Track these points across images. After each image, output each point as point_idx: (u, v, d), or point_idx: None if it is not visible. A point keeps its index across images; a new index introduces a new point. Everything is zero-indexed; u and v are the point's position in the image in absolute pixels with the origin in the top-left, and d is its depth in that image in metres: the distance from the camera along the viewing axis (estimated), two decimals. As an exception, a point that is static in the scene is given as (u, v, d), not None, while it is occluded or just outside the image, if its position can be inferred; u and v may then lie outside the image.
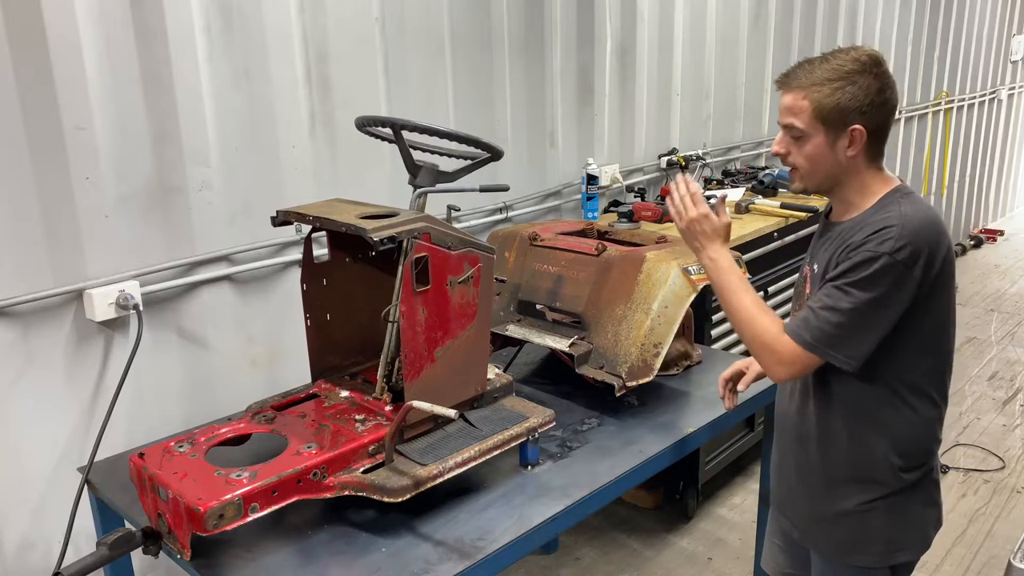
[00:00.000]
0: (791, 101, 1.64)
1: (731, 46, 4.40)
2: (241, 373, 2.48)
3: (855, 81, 1.60)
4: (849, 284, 1.58)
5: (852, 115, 1.60)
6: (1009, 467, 3.85)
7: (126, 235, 2.18)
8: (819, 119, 1.62)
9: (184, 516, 1.50)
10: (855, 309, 1.58)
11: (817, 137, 1.63)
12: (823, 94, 1.60)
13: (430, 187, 1.99)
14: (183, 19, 2.19)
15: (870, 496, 1.73)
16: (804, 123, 1.63)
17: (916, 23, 6.21)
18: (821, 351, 1.61)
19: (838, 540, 1.78)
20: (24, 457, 2.08)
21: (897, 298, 1.58)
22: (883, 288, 1.56)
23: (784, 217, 3.65)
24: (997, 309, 6.00)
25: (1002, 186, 8.59)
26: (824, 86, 1.60)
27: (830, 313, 1.59)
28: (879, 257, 1.56)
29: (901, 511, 1.74)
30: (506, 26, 3.11)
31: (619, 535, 3.35)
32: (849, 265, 1.59)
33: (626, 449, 2.00)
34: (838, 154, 1.64)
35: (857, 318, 1.59)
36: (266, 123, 2.43)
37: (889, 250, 1.56)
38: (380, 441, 1.71)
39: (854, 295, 1.58)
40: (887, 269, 1.56)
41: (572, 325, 2.25)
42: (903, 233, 1.56)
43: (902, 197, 1.65)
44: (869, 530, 1.74)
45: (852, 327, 1.59)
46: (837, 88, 1.60)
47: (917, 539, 1.78)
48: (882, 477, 1.72)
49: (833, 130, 1.62)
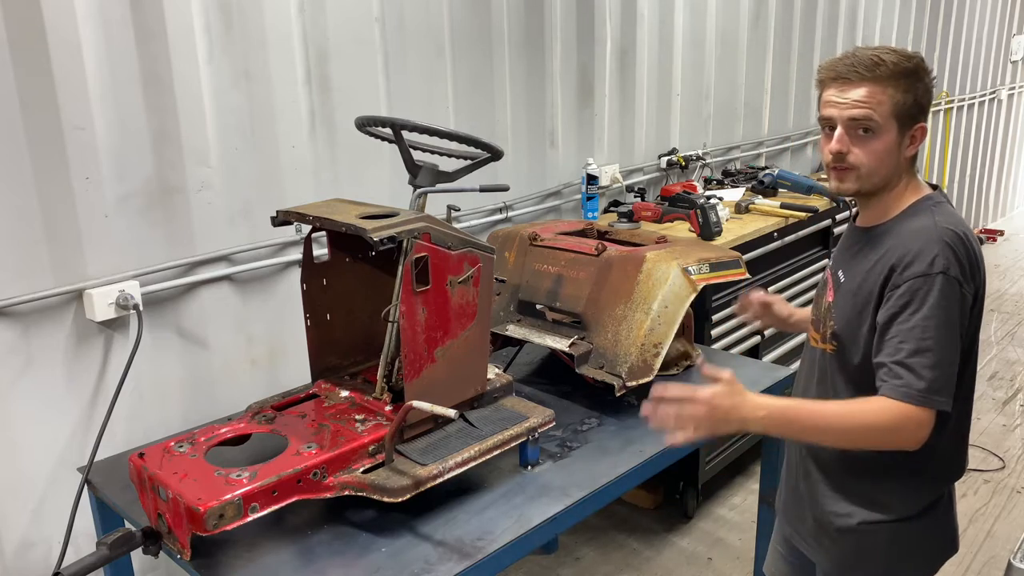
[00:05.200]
0: (867, 94, 1.54)
1: (731, 46, 4.40)
2: (241, 373, 2.48)
3: (922, 79, 1.56)
4: (919, 319, 1.48)
5: (923, 111, 1.57)
6: (1009, 467, 3.85)
7: (126, 235, 2.18)
8: (895, 115, 1.55)
9: (184, 516, 1.50)
10: (938, 343, 1.47)
11: (889, 134, 1.56)
12: (901, 89, 1.54)
13: (430, 187, 1.99)
14: (183, 19, 2.20)
15: (873, 518, 1.67)
16: (882, 117, 1.54)
17: (916, 23, 6.21)
18: (938, 402, 1.47)
19: (838, 556, 1.74)
20: (24, 457, 2.08)
21: (959, 321, 1.51)
22: (950, 312, 1.49)
23: (784, 217, 3.65)
24: (997, 309, 6.00)
25: (1002, 186, 8.59)
26: (902, 80, 1.54)
27: (921, 358, 1.47)
28: (933, 278, 1.49)
29: (904, 537, 1.68)
30: (506, 26, 3.11)
31: (619, 535, 3.35)
32: (907, 298, 1.50)
33: (626, 449, 1.99)
34: (902, 153, 1.59)
35: (943, 353, 1.48)
36: (266, 123, 2.43)
37: (941, 268, 1.49)
38: (380, 441, 1.71)
39: (928, 329, 1.47)
40: (943, 290, 1.48)
41: (572, 325, 2.25)
42: (944, 248, 1.50)
43: (934, 206, 1.59)
44: (869, 551, 1.69)
45: (944, 364, 1.48)
46: (911, 85, 1.55)
47: (920, 566, 1.72)
48: (887, 500, 1.66)
49: (903, 128, 1.57)
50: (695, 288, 2.15)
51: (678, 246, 2.31)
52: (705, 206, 3.23)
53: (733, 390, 1.52)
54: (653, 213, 3.42)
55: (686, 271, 2.15)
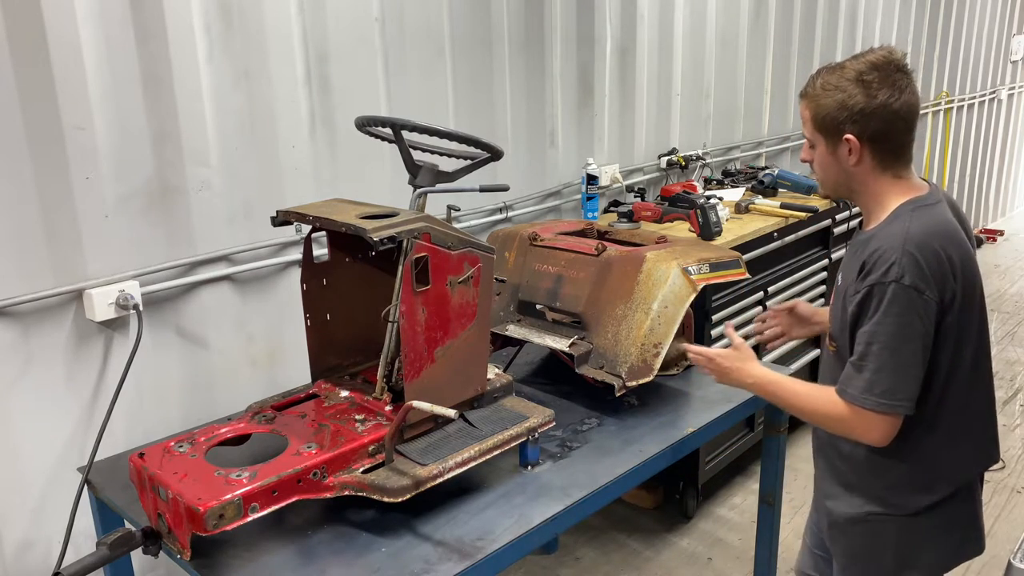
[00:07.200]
0: (802, 109, 1.67)
1: (731, 46, 4.40)
2: (241, 373, 2.48)
3: (844, 89, 1.57)
4: (871, 324, 1.54)
5: (843, 124, 1.58)
6: (1009, 467, 3.85)
7: (126, 235, 2.18)
8: (817, 128, 1.63)
9: (184, 516, 1.50)
10: (885, 349, 1.53)
11: (820, 145, 1.65)
12: (817, 103, 1.61)
13: (430, 187, 1.99)
14: (183, 19, 2.20)
15: (881, 511, 1.71)
16: (808, 132, 1.66)
17: (916, 23, 6.21)
18: (873, 403, 1.56)
19: (849, 547, 1.79)
20: (24, 457, 2.08)
21: (921, 328, 1.53)
22: (901, 319, 1.52)
23: (784, 217, 3.65)
24: (997, 309, 6.00)
25: (1002, 186, 8.59)
26: (821, 95, 1.61)
27: (864, 362, 1.57)
28: (886, 286, 1.52)
29: (914, 531, 1.71)
30: (506, 26, 3.11)
31: (619, 535, 3.36)
32: (859, 304, 1.57)
33: (626, 449, 2.00)
34: (841, 163, 1.63)
35: (888, 358, 1.54)
36: (266, 123, 2.43)
37: (895, 277, 1.51)
38: (380, 441, 1.71)
39: (877, 335, 1.54)
40: (897, 298, 1.51)
41: (572, 325, 2.25)
42: (902, 256, 1.51)
43: (912, 211, 1.59)
44: (879, 542, 1.73)
45: (887, 369, 1.54)
46: (828, 96, 1.60)
47: (933, 560, 1.74)
48: (892, 495, 1.71)
49: (831, 139, 1.62)
50: (695, 288, 2.15)
51: (678, 246, 2.31)
52: (705, 206, 3.23)
53: (738, 355, 1.82)
54: (653, 213, 3.42)
55: (686, 271, 2.15)
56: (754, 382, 1.79)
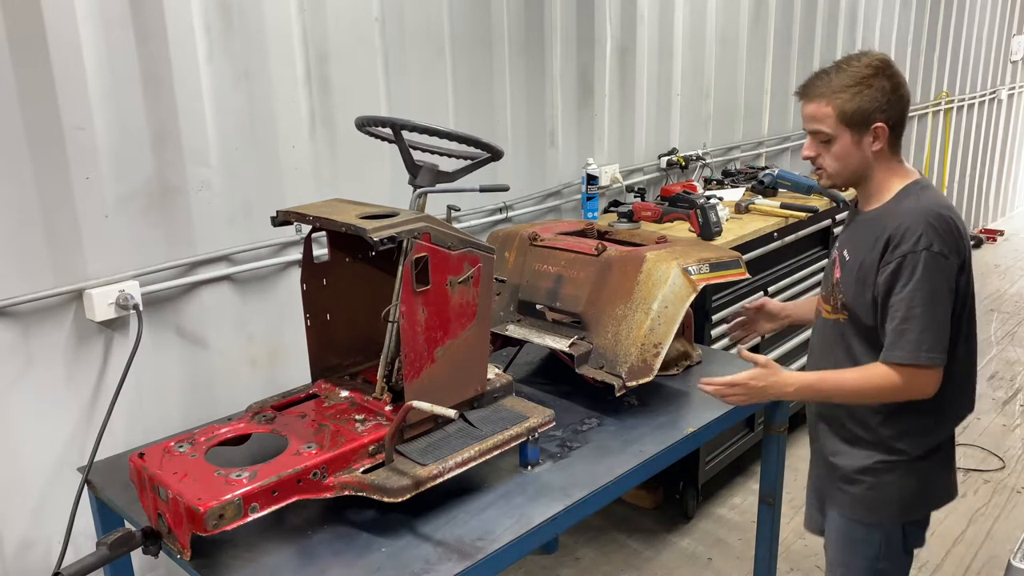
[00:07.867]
0: (815, 110, 1.81)
1: (731, 46, 4.40)
2: (241, 373, 2.48)
3: (871, 84, 1.77)
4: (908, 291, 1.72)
5: (874, 114, 1.77)
6: (1009, 467, 3.85)
7: (126, 235, 2.18)
8: (843, 122, 1.79)
9: (184, 516, 1.50)
10: (925, 310, 1.72)
11: (843, 138, 1.80)
12: (844, 99, 1.77)
13: (430, 187, 1.99)
14: (183, 19, 2.20)
15: (889, 458, 1.87)
16: (830, 127, 1.80)
17: (916, 23, 6.21)
18: (926, 358, 1.73)
19: (856, 496, 1.92)
20: (24, 457, 2.08)
21: (948, 288, 1.74)
22: (934, 282, 1.72)
23: (784, 217, 3.65)
24: (997, 309, 6.00)
25: (1002, 186, 8.59)
26: (844, 92, 1.77)
27: (907, 325, 1.73)
28: (918, 254, 1.71)
29: (917, 474, 1.88)
30: (506, 26, 3.11)
31: (619, 535, 3.36)
32: (892, 273, 1.74)
33: (626, 449, 1.99)
34: (864, 150, 1.81)
35: (929, 318, 1.72)
36: (266, 123, 2.43)
37: (925, 246, 1.71)
38: (380, 441, 1.71)
39: (915, 299, 1.72)
40: (928, 264, 1.71)
41: (572, 325, 2.25)
42: (928, 228, 1.72)
43: (921, 189, 1.81)
44: (886, 488, 1.88)
45: (931, 327, 1.72)
46: (856, 92, 1.76)
47: (927, 505, 1.94)
48: (899, 442, 1.86)
49: (857, 130, 1.79)
50: (695, 288, 2.15)
51: (678, 246, 2.31)
52: (705, 206, 3.23)
53: (767, 372, 1.85)
54: (653, 213, 3.42)
55: (686, 271, 2.15)
56: (795, 389, 1.85)
